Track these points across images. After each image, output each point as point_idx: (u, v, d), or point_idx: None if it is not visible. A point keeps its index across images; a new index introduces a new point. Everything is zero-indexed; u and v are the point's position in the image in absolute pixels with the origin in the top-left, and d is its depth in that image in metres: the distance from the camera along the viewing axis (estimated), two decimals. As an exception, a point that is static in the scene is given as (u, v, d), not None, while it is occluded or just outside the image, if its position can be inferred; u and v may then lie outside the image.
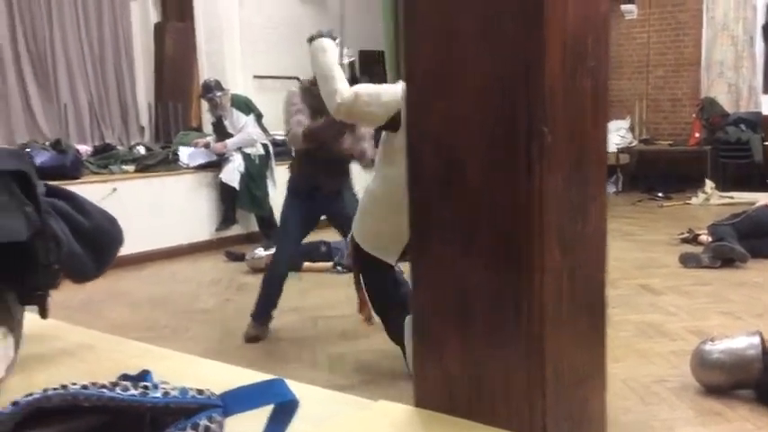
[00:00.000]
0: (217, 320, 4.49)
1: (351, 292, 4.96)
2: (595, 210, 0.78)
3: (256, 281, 5.45)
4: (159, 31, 9.71)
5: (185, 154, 6.85)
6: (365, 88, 3.16)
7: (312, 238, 6.15)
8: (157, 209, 6.37)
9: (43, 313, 1.01)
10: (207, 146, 6.90)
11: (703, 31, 9.53)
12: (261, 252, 5.82)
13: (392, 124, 3.06)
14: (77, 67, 9.10)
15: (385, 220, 3.12)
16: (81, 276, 1.06)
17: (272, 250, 5.12)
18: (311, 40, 3.52)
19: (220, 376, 0.91)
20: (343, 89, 3.14)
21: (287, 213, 4.24)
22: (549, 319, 0.72)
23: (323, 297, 4.97)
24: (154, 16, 9.78)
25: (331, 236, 6.35)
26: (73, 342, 1.11)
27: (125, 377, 0.86)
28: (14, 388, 0.95)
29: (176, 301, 5.00)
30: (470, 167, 0.72)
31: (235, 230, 7.01)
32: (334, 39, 3.72)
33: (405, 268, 3.70)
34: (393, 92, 3.07)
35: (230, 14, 8.64)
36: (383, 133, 3.25)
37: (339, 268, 5.69)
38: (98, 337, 1.13)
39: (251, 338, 4.11)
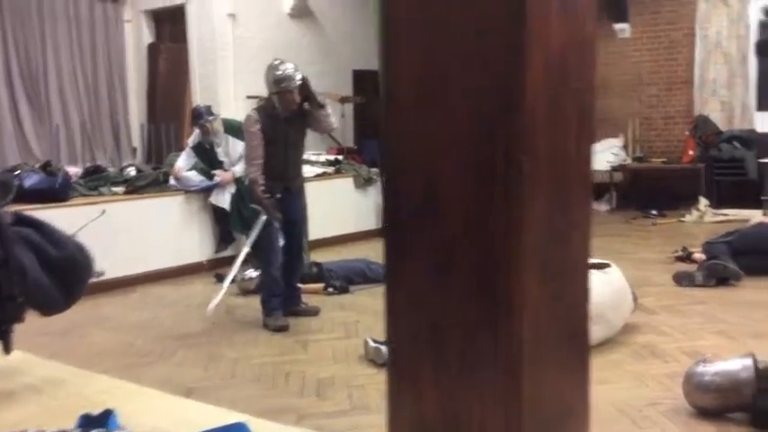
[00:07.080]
0: (203, 344, 4.42)
1: (341, 314, 4.92)
2: (578, 236, 0.74)
3: (246, 302, 5.39)
4: (153, 52, 9.70)
5: (188, 180, 6.71)
6: None
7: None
8: (147, 231, 6.31)
9: (6, 348, 0.96)
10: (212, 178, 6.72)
11: (696, 49, 9.55)
12: (251, 273, 5.74)
13: None
14: (70, 87, 9.08)
15: None
16: (48, 309, 1.03)
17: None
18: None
19: (188, 415, 0.87)
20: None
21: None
22: (527, 352, 0.68)
23: (313, 319, 4.91)
24: (148, 37, 9.78)
25: (322, 257, 6.30)
26: (40, 376, 1.07)
27: (86, 418, 0.82)
28: (-24, 426, 0.90)
29: (162, 326, 4.93)
30: (448, 195, 0.69)
31: (225, 253, 6.93)
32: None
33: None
34: None
35: (224, 34, 8.65)
36: None
37: (330, 290, 5.62)
38: (66, 371, 1.09)
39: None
